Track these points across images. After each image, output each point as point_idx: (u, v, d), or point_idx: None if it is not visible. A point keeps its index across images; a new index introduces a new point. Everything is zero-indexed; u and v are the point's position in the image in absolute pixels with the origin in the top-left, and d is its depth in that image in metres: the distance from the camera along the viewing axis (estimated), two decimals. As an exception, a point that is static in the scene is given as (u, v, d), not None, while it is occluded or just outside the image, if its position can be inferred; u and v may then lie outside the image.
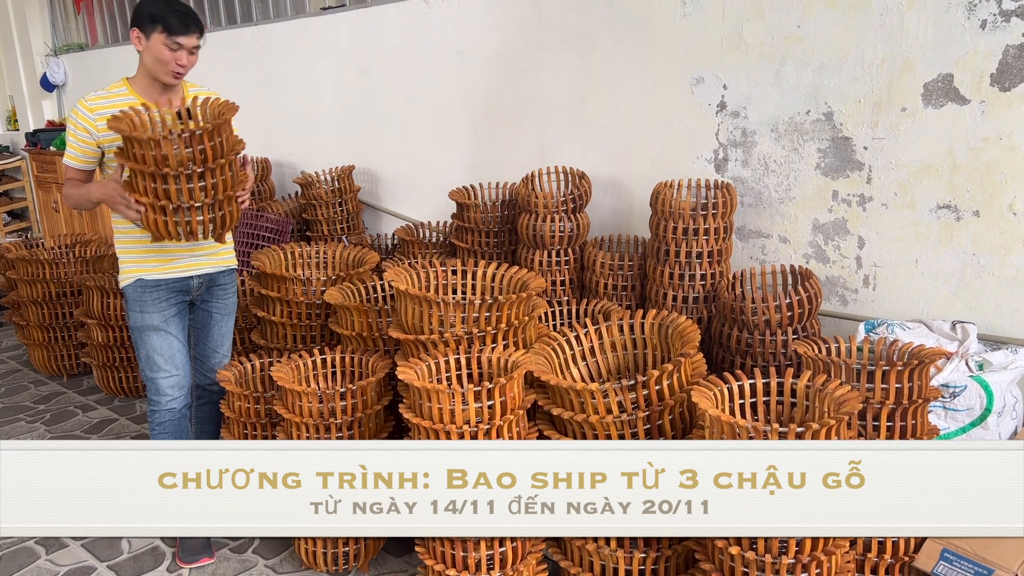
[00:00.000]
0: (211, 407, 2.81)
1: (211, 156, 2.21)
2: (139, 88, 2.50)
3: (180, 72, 2.50)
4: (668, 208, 2.73)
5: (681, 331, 2.18)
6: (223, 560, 2.56)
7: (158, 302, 2.50)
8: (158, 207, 2.18)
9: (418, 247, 3.58)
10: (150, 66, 2.47)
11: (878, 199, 2.59)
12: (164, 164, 2.14)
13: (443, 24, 3.70)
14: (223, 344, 2.72)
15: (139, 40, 2.44)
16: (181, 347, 2.56)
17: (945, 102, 2.40)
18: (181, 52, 2.46)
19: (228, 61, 4.93)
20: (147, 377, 2.54)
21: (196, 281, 2.57)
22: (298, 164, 4.66)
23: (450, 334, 2.26)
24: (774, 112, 2.75)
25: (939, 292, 2.52)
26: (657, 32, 3.00)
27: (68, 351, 4.22)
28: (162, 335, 2.51)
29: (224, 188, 2.25)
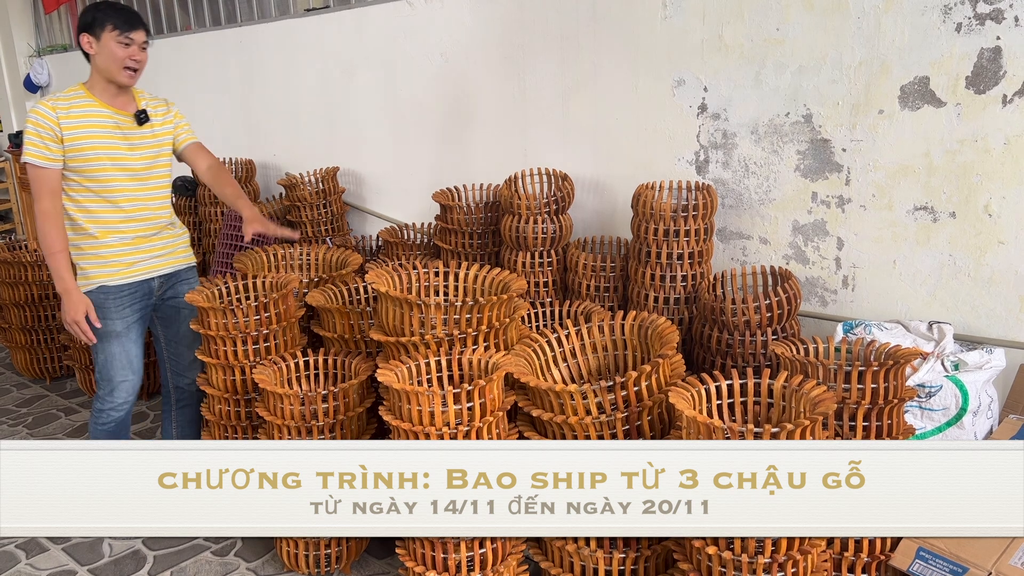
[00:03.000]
0: (191, 409, 2.83)
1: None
2: (96, 92, 2.54)
3: (134, 67, 2.52)
4: (649, 210, 2.74)
5: (660, 332, 2.19)
6: (205, 563, 2.56)
7: (121, 308, 2.54)
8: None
9: (402, 249, 3.58)
10: (104, 67, 2.50)
11: (856, 200, 2.61)
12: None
13: (427, 26, 3.71)
14: (197, 340, 2.74)
15: (90, 44, 2.49)
16: (139, 353, 2.62)
17: (921, 104, 2.42)
18: (133, 47, 2.49)
19: (213, 62, 4.91)
20: (104, 379, 2.58)
21: (157, 282, 2.65)
22: (282, 166, 4.65)
23: (431, 336, 2.26)
24: (754, 114, 2.77)
25: (916, 293, 2.55)
26: (639, 34, 3.01)
27: (51, 354, 4.20)
28: (122, 341, 2.55)
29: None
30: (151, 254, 2.60)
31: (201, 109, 5.11)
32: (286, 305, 2.63)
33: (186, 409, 2.84)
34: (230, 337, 2.50)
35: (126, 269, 2.55)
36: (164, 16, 5.35)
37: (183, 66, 5.14)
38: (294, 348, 2.65)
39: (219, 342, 2.51)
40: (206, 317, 2.52)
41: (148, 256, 2.59)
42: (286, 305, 2.63)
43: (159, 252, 2.62)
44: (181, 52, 5.11)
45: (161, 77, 5.32)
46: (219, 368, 2.55)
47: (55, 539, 2.71)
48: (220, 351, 2.52)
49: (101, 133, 2.49)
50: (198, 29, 5.05)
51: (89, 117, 2.49)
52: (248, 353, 2.53)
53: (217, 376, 2.57)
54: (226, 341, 2.51)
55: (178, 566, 2.55)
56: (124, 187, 2.54)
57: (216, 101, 4.99)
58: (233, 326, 2.50)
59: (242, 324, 2.51)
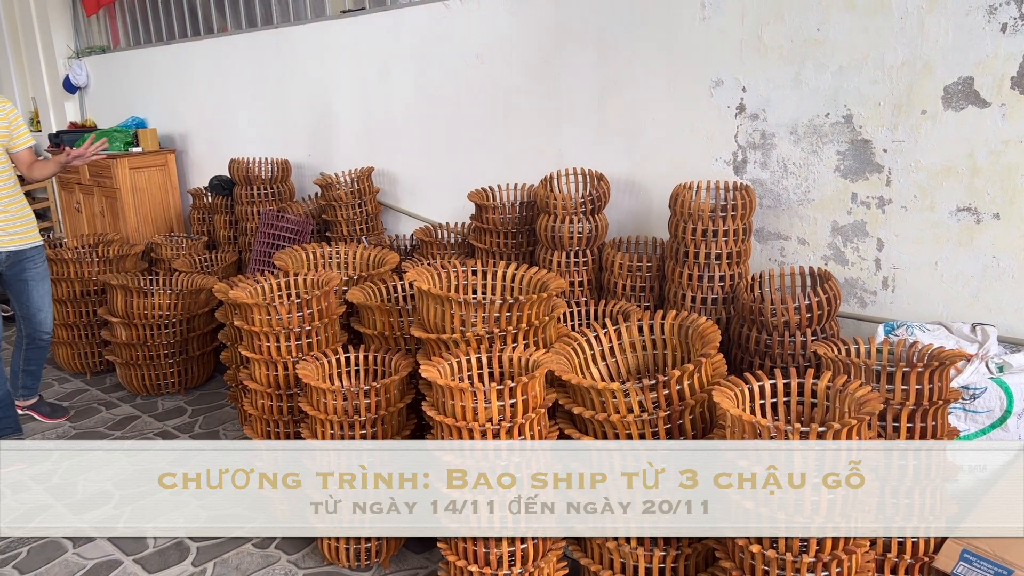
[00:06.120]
0: (40, 351, 3.63)
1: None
2: None
3: None
4: (687, 210, 2.75)
5: (701, 332, 2.20)
6: (247, 555, 2.60)
7: None
8: None
9: (436, 248, 3.62)
10: None
11: (897, 201, 2.59)
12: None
13: (462, 26, 3.74)
14: (44, 304, 3.49)
15: None
16: None
17: (965, 105, 2.41)
18: None
19: (249, 64, 4.99)
20: None
21: (4, 255, 3.31)
22: (318, 166, 4.71)
23: (471, 333, 2.29)
24: (793, 114, 2.77)
25: (959, 294, 2.53)
26: (676, 34, 3.02)
27: (91, 349, 4.29)
28: None
29: None
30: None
31: (237, 110, 5.19)
32: (328, 302, 2.67)
33: (35, 349, 3.60)
34: (273, 333, 2.54)
35: None
36: (201, 18, 5.44)
37: (220, 68, 5.22)
38: (335, 344, 2.69)
39: (262, 338, 2.56)
40: (249, 313, 2.57)
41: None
42: (328, 302, 2.67)
43: (3, 233, 3.27)
44: (218, 54, 5.20)
45: (199, 79, 5.42)
46: (262, 363, 2.59)
47: (100, 529, 2.78)
48: (263, 347, 2.57)
49: None
50: (234, 31, 5.12)
51: None
52: (291, 349, 2.57)
53: (260, 371, 2.61)
54: (269, 337, 2.55)
55: (220, 557, 2.60)
56: None
57: (252, 102, 5.06)
58: (276, 322, 2.55)
59: (285, 320, 2.55)
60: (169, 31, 5.73)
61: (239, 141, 5.21)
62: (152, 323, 3.85)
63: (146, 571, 2.54)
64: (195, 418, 3.73)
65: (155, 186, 5.51)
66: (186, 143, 5.73)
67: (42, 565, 2.59)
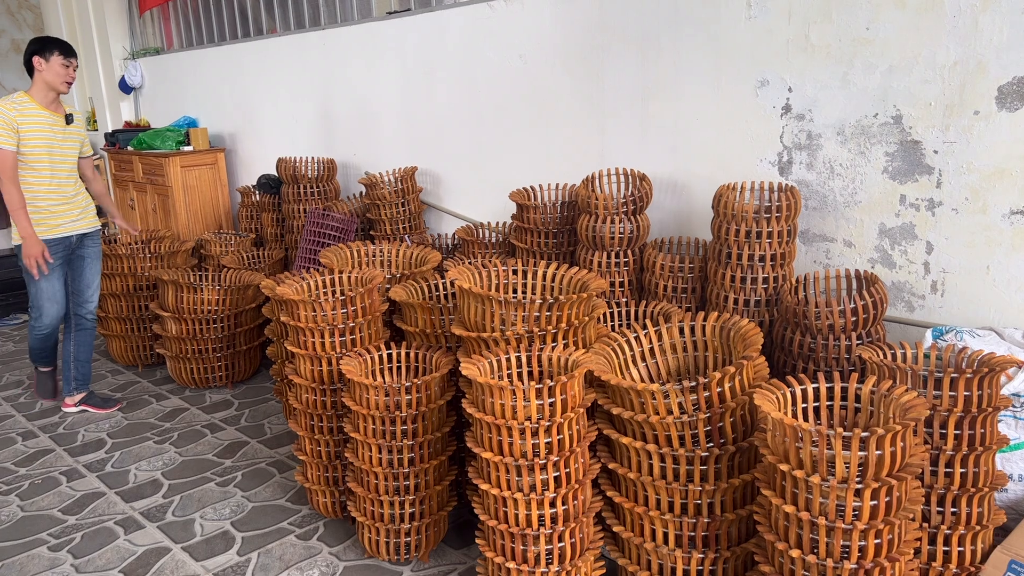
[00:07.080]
0: (86, 333, 3.88)
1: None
2: (38, 99, 3.53)
3: (71, 82, 3.59)
4: (731, 211, 2.73)
5: (744, 334, 2.18)
6: (290, 546, 2.66)
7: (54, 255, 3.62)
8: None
9: (478, 247, 3.64)
10: (50, 80, 3.52)
11: (948, 204, 2.54)
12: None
13: (506, 27, 3.76)
14: (94, 281, 3.85)
15: (40, 63, 3.49)
16: (62, 288, 3.72)
17: (1020, 105, 2.34)
18: (71, 68, 3.57)
19: (296, 64, 5.08)
20: (36, 307, 3.69)
21: (75, 237, 3.72)
22: (362, 165, 4.78)
23: (511, 332, 2.30)
24: (840, 115, 2.73)
25: (1011, 300, 2.47)
26: (721, 34, 2.99)
27: (143, 342, 4.42)
28: (49, 280, 3.63)
29: None
30: (70, 219, 3.66)
31: (284, 109, 5.29)
32: (371, 299, 2.71)
33: (83, 332, 3.86)
34: (318, 329, 2.59)
35: (52, 229, 3.60)
36: (251, 20, 5.56)
37: (268, 68, 5.33)
38: (378, 341, 2.73)
39: (307, 333, 2.61)
40: (295, 309, 2.62)
41: (68, 221, 3.66)
42: (371, 299, 2.71)
43: (74, 217, 3.69)
44: (267, 55, 5.30)
45: (248, 79, 5.54)
46: (307, 359, 2.65)
47: (150, 517, 2.87)
48: (308, 342, 2.62)
49: (42, 129, 3.51)
50: (282, 32, 5.22)
51: (33, 117, 3.49)
52: (335, 345, 2.62)
53: (304, 366, 2.67)
54: (314, 333, 2.60)
55: (264, 548, 2.66)
56: (51, 166, 3.56)
57: (299, 102, 5.15)
58: (321, 319, 2.60)
59: (330, 317, 2.60)
60: (220, 32, 5.87)
61: (286, 140, 5.31)
62: (201, 318, 3.95)
63: (193, 559, 2.62)
64: (241, 411, 3.82)
65: (205, 184, 5.65)
66: (235, 142, 5.86)
67: (95, 551, 2.69)
